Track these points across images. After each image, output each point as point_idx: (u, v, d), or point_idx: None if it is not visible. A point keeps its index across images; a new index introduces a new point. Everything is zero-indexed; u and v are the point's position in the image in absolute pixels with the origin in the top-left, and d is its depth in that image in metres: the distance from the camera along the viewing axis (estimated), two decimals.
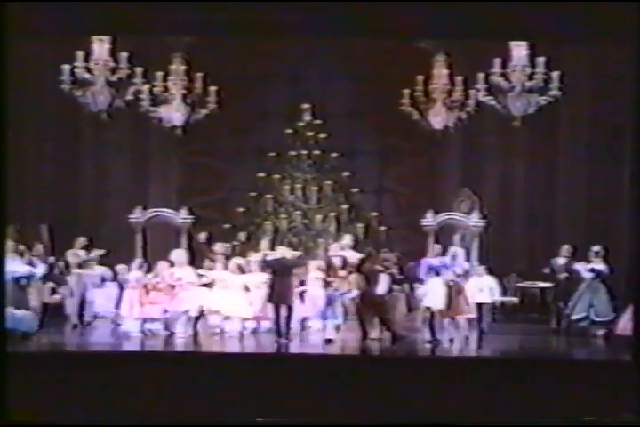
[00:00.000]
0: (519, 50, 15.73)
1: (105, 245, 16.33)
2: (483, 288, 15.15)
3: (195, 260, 15.75)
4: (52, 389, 11.43)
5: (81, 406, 11.32)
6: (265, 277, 14.72)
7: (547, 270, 16.21)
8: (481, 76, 16.11)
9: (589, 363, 13.17)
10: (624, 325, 14.26)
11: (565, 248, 16.06)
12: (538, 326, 16.09)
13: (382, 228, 17.93)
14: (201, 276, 14.94)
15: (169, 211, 17.26)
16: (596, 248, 15.68)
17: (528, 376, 12.04)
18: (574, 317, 15.41)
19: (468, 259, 16.32)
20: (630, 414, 11.06)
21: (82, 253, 15.93)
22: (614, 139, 17.17)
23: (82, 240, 16.07)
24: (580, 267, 15.63)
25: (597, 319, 15.31)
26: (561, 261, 16.00)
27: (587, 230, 17.42)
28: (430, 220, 17.11)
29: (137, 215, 17.08)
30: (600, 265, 15.51)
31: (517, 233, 18.27)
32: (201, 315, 14.91)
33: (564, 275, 15.87)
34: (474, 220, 17.12)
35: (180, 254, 15.60)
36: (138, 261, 15.60)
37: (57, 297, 15.50)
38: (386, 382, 11.89)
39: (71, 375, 11.71)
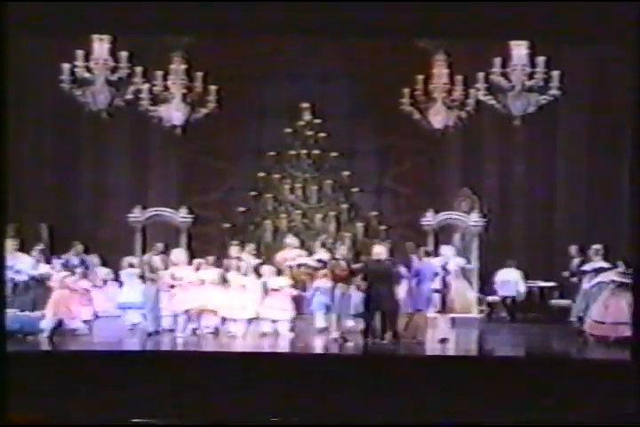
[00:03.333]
0: (519, 49, 15.75)
1: (104, 245, 16.32)
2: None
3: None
4: (52, 389, 11.45)
5: (81, 406, 11.32)
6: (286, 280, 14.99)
7: (566, 274, 16.11)
8: (481, 75, 16.13)
9: (589, 362, 13.15)
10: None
11: (574, 249, 16.00)
12: (537, 326, 16.12)
13: (382, 227, 17.95)
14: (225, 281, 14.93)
15: (168, 210, 17.26)
16: (595, 247, 15.65)
17: (527, 376, 12.03)
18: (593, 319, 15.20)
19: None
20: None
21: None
22: (614, 138, 17.18)
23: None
24: (587, 267, 15.57)
25: None
26: (576, 261, 15.91)
27: (586, 229, 17.42)
28: (430, 219, 17.12)
29: (136, 214, 17.08)
30: (603, 263, 15.45)
31: (517, 232, 18.26)
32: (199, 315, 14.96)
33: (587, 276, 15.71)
34: (473, 219, 17.12)
35: (179, 254, 15.61)
36: (60, 261, 15.47)
37: None
38: (385, 381, 11.89)
39: (71, 375, 11.73)
